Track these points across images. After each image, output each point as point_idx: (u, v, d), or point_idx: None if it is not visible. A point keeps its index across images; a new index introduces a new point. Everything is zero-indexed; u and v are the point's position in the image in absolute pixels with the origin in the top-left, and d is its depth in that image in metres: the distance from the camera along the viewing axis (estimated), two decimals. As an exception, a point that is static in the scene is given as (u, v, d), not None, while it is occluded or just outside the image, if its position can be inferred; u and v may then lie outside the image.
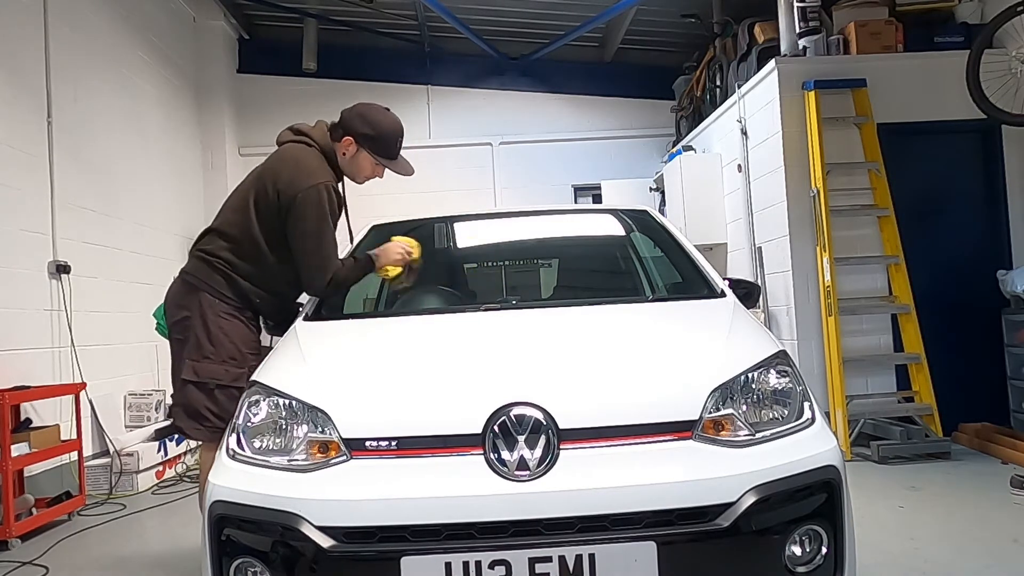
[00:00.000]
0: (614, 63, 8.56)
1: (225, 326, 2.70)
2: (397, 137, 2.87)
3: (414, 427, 1.86)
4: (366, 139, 2.79)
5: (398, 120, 2.89)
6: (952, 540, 3.31)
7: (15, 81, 4.65)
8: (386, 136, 2.83)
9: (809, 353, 5.34)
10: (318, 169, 2.73)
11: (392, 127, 2.85)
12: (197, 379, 2.66)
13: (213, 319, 2.69)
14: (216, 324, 2.69)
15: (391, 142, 2.85)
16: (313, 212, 2.65)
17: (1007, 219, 5.55)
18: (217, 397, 2.65)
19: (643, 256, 3.51)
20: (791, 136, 5.45)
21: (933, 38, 5.65)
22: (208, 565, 1.90)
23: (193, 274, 2.76)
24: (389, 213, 3.71)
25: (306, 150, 2.78)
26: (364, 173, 2.89)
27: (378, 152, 2.83)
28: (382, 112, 2.85)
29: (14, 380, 4.29)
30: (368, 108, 2.84)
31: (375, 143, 2.81)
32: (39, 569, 3.53)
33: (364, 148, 2.81)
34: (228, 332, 2.70)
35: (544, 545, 1.70)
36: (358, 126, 2.79)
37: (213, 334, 2.68)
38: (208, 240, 2.81)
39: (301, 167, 2.71)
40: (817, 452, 1.89)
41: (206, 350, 2.67)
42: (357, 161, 2.84)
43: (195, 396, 2.66)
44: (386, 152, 2.85)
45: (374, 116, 2.81)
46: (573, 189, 8.43)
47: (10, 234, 4.50)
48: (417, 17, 7.75)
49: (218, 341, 2.68)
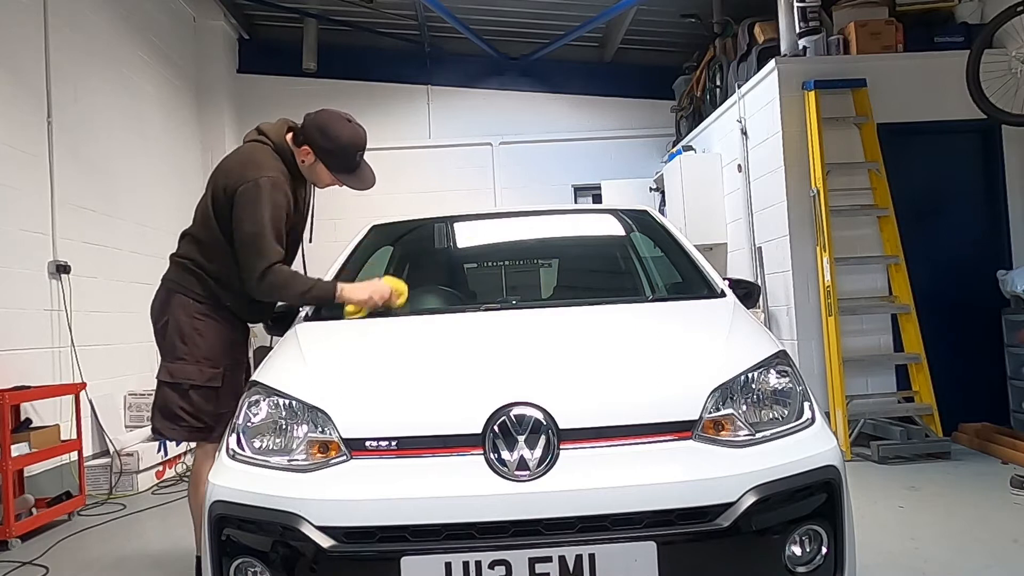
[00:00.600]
0: (614, 63, 8.56)
1: (199, 326, 2.72)
2: (356, 151, 2.78)
3: (414, 427, 1.86)
4: (322, 152, 2.74)
5: (359, 132, 2.80)
6: (952, 540, 3.31)
7: (15, 81, 4.65)
8: (343, 150, 2.75)
9: (809, 353, 5.34)
10: (264, 164, 2.69)
11: (350, 140, 2.75)
12: (171, 380, 2.69)
13: (187, 320, 2.71)
14: (190, 325, 2.71)
15: (349, 156, 2.77)
16: (251, 203, 2.61)
17: (1007, 219, 5.55)
18: (191, 397, 2.68)
19: (643, 256, 3.51)
20: (791, 136, 5.45)
21: (933, 38, 5.65)
22: (208, 565, 1.90)
23: (170, 278, 2.81)
24: (389, 213, 3.71)
25: (257, 147, 2.76)
26: (323, 181, 2.85)
27: (334, 167, 2.77)
28: (342, 123, 2.76)
29: (14, 380, 4.29)
30: (328, 119, 2.75)
31: (331, 156, 2.75)
32: (39, 569, 3.53)
33: (322, 161, 2.76)
34: (202, 332, 2.72)
35: (544, 545, 1.70)
36: (316, 138, 2.73)
37: (187, 335, 2.70)
38: (182, 244, 2.85)
39: (247, 162, 2.70)
40: (817, 452, 1.88)
41: (180, 351, 2.70)
42: (315, 170, 2.80)
43: (170, 397, 2.69)
44: (343, 166, 2.78)
45: (333, 129, 2.73)
46: (573, 189, 8.44)
47: (10, 234, 4.50)
48: (417, 17, 7.75)
49: (191, 341, 2.70)
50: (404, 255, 3.59)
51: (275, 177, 2.67)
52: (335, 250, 3.20)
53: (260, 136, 2.80)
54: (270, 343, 2.80)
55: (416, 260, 3.65)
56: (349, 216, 7.60)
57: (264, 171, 2.66)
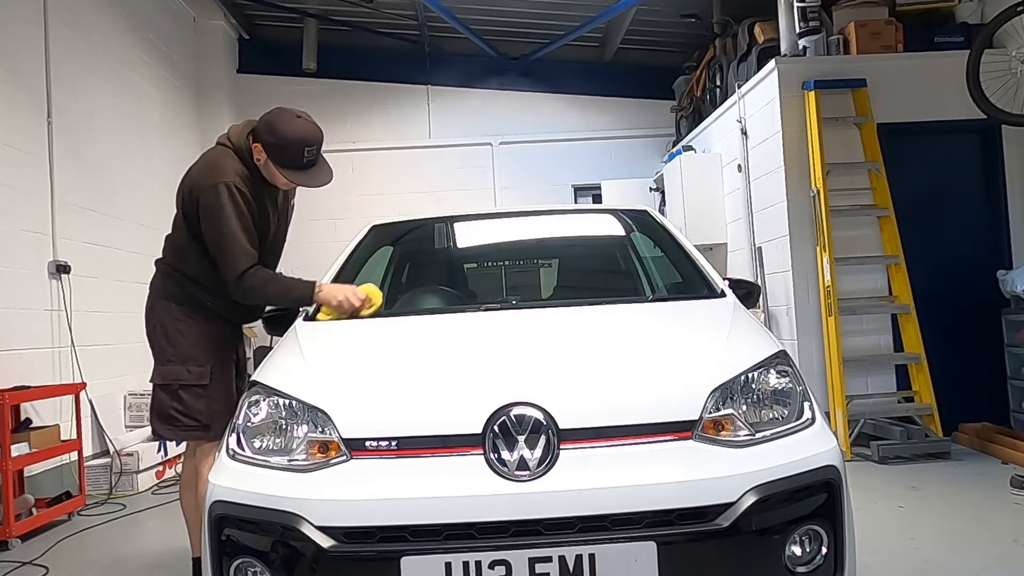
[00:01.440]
0: (614, 63, 8.56)
1: (181, 328, 2.76)
2: (303, 146, 2.65)
3: (414, 427, 1.86)
4: (269, 148, 2.67)
5: (308, 127, 2.68)
6: (952, 540, 3.31)
7: (15, 81, 4.65)
8: (288, 146, 2.64)
9: (809, 353, 5.34)
10: (224, 168, 2.67)
11: (297, 136, 2.63)
12: (162, 382, 2.75)
13: (170, 322, 2.77)
14: (173, 327, 2.76)
15: (295, 152, 2.65)
16: (214, 211, 2.62)
17: (1007, 219, 5.55)
18: (182, 397, 2.72)
19: (643, 256, 3.51)
20: (791, 136, 5.45)
21: (933, 38, 5.66)
22: (208, 565, 1.90)
23: (154, 284, 2.87)
24: (389, 213, 3.71)
25: (219, 151, 2.75)
26: (278, 180, 2.76)
27: (280, 163, 2.67)
28: (289, 119, 2.66)
29: (14, 380, 4.29)
30: (276, 116, 2.68)
31: (276, 152, 2.66)
32: (39, 569, 3.53)
33: (268, 158, 2.69)
34: (185, 333, 2.76)
35: (544, 545, 1.70)
36: (263, 133, 2.67)
37: (171, 337, 2.75)
38: (164, 249, 2.90)
39: (207, 168, 2.71)
40: (817, 452, 1.88)
41: (168, 354, 2.75)
42: (269, 169, 2.73)
43: (162, 399, 2.75)
44: (289, 162, 2.67)
45: (279, 124, 2.65)
46: (573, 189, 8.44)
47: (10, 234, 4.50)
48: (417, 17, 7.75)
49: (176, 343, 2.75)
50: (404, 255, 3.59)
51: (232, 181, 2.64)
52: (335, 250, 3.20)
53: (225, 140, 2.79)
54: (270, 343, 2.81)
55: (416, 260, 3.65)
56: (349, 216, 7.63)
57: (223, 176, 2.64)
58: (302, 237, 8.09)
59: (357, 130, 8.16)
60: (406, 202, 7.41)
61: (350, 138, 8.10)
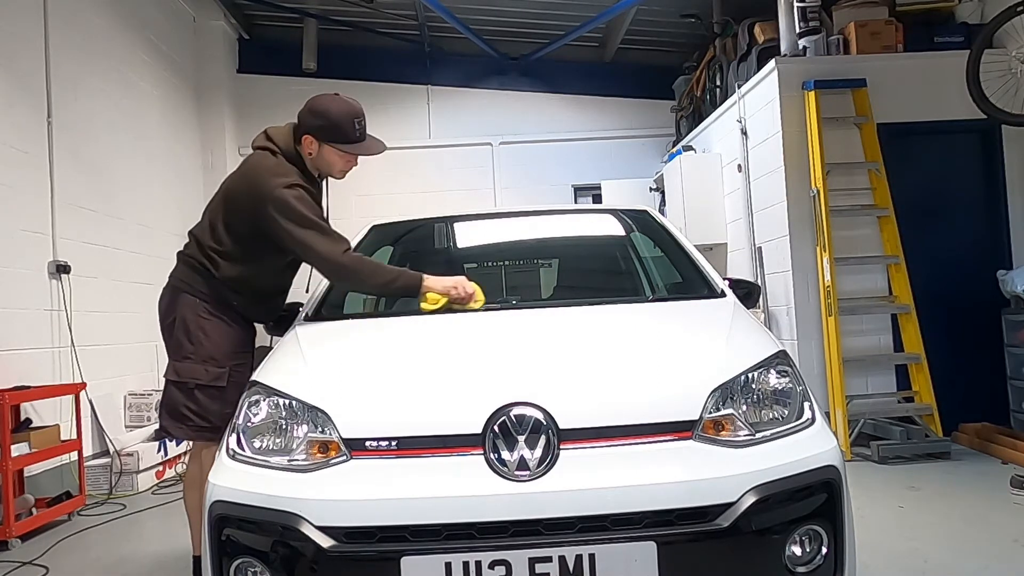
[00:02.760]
0: (614, 63, 8.56)
1: (205, 326, 2.71)
2: (352, 119, 2.72)
3: (414, 427, 1.86)
4: (321, 131, 2.71)
5: (350, 102, 2.76)
6: (952, 540, 3.31)
7: (15, 81, 4.65)
8: (339, 122, 2.71)
9: (809, 353, 5.34)
10: (287, 171, 2.69)
11: (342, 110, 2.71)
12: (178, 379, 2.69)
13: (193, 319, 2.71)
14: (196, 324, 2.71)
15: (347, 126, 2.72)
16: (289, 211, 2.59)
17: (1007, 219, 5.55)
18: (197, 396, 2.68)
19: (643, 256, 3.51)
20: (791, 136, 5.45)
21: (933, 38, 5.65)
22: (208, 565, 1.90)
23: (177, 276, 2.80)
24: (389, 213, 3.71)
25: (267, 157, 2.73)
26: (336, 166, 2.81)
27: (337, 140, 2.72)
28: (330, 99, 2.74)
29: (14, 380, 4.29)
30: (316, 100, 2.75)
31: (330, 132, 2.71)
32: (39, 569, 3.53)
33: (323, 142, 2.72)
34: (208, 332, 2.71)
35: (544, 545, 1.70)
36: (310, 121, 2.71)
37: (193, 334, 2.70)
38: (191, 244, 2.83)
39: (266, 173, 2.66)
40: (817, 452, 1.88)
41: (186, 350, 2.70)
42: (324, 157, 2.76)
43: (176, 396, 2.69)
44: (345, 137, 2.73)
45: (322, 105, 2.72)
46: (573, 189, 8.44)
47: (10, 234, 4.50)
48: (417, 17, 7.76)
49: (197, 341, 2.70)
50: (404, 255, 3.59)
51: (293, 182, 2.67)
52: (335, 250, 3.18)
53: (270, 144, 2.76)
54: (270, 343, 2.80)
55: (416, 260, 3.63)
56: (349, 216, 7.62)
57: (289, 178, 2.66)
58: (302, 237, 8.13)
59: (357, 130, 8.14)
60: (406, 202, 7.41)
61: (350, 138, 8.08)
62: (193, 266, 2.77)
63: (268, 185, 2.62)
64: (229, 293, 2.76)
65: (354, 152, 2.78)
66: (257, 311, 2.86)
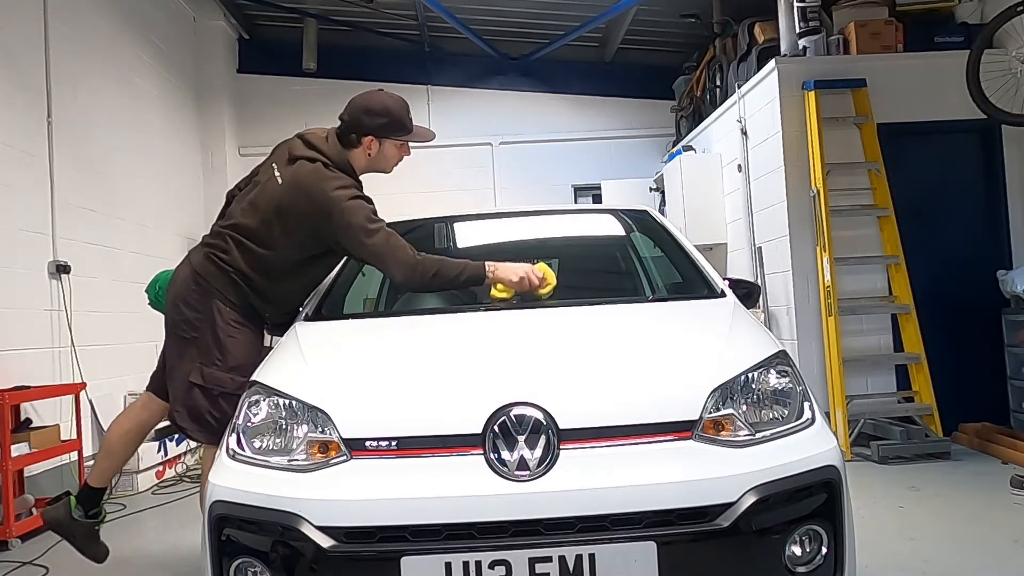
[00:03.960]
0: (614, 63, 8.56)
1: (235, 334, 2.69)
2: (407, 109, 2.84)
3: (414, 427, 1.86)
4: (385, 128, 2.77)
5: (394, 95, 2.85)
6: (952, 540, 3.31)
7: (15, 81, 4.65)
8: (400, 115, 2.80)
9: (809, 353, 5.34)
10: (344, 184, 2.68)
11: (400, 104, 2.82)
12: (203, 384, 2.65)
13: (223, 327, 2.68)
14: (226, 332, 2.68)
15: (406, 117, 2.83)
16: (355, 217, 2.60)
17: (1007, 219, 5.55)
18: (221, 404, 2.64)
19: (643, 256, 3.51)
20: (791, 136, 5.45)
21: (933, 38, 5.66)
22: (208, 565, 1.90)
23: (207, 278, 2.71)
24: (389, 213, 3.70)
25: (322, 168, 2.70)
26: (392, 162, 2.89)
27: (399, 134, 2.81)
28: (381, 96, 2.81)
29: (14, 380, 4.29)
30: (367, 99, 2.78)
31: (394, 128, 2.79)
32: (39, 569, 3.53)
33: (387, 138, 2.79)
34: (238, 341, 2.69)
35: (544, 545, 1.70)
36: (370, 121, 2.75)
37: (223, 342, 2.67)
38: (226, 246, 2.71)
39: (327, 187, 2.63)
40: (817, 452, 1.88)
41: (214, 357, 2.66)
42: (384, 154, 2.82)
43: (200, 400, 2.65)
44: (406, 129, 2.83)
45: (380, 103, 2.77)
46: (573, 189, 8.44)
47: (10, 234, 4.50)
48: (417, 17, 7.75)
49: (226, 350, 2.67)
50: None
51: (360, 193, 2.71)
52: (335, 250, 3.18)
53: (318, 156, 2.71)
54: (270, 343, 2.79)
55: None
56: (349, 216, 7.62)
57: (351, 190, 2.67)
58: (302, 237, 8.14)
59: (357, 130, 8.14)
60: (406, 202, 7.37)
61: (350, 138, 8.08)
62: (228, 274, 2.69)
63: (335, 197, 2.61)
64: (261, 304, 2.75)
65: (413, 140, 2.86)
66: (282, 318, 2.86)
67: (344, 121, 2.78)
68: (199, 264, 2.75)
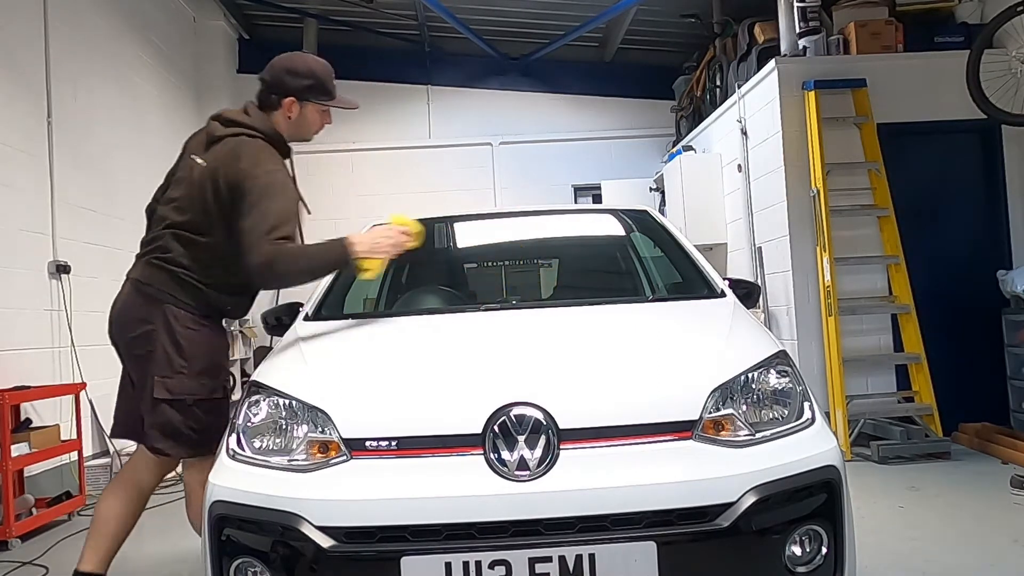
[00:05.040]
0: (614, 63, 8.57)
1: (195, 337, 2.49)
2: (331, 75, 2.66)
3: (414, 427, 1.86)
4: (309, 90, 2.60)
5: (318, 58, 2.71)
6: (952, 540, 3.31)
7: (15, 81, 4.65)
8: (324, 78, 2.63)
9: (809, 353, 5.34)
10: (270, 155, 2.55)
11: (324, 68, 2.66)
12: (172, 396, 2.44)
13: (181, 331, 2.47)
14: (184, 336, 2.47)
15: (330, 81, 2.66)
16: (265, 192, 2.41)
17: (1007, 219, 5.55)
18: (196, 412, 2.46)
19: (643, 256, 3.51)
20: (791, 136, 5.45)
21: (933, 38, 5.66)
22: (208, 565, 1.90)
23: (153, 284, 2.53)
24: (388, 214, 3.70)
25: (251, 142, 2.56)
26: (315, 126, 2.69)
27: (324, 96, 2.63)
28: (305, 57, 2.68)
29: (14, 380, 4.29)
30: (291, 59, 2.63)
31: (318, 90, 2.62)
32: (39, 569, 3.53)
33: (309, 100, 2.61)
34: (198, 343, 2.50)
35: (544, 545, 1.70)
36: (293, 82, 2.58)
37: (183, 347, 2.46)
38: (166, 245, 2.55)
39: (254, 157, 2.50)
40: (817, 452, 1.88)
41: (177, 365, 2.45)
42: (305, 118, 2.64)
43: (171, 415, 2.44)
44: (330, 92, 2.66)
45: (304, 64, 2.62)
46: (573, 189, 8.45)
47: (10, 234, 4.50)
48: (417, 17, 7.76)
49: (189, 354, 2.47)
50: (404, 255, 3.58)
51: (284, 169, 2.55)
52: (335, 250, 3.18)
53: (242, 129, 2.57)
54: (270, 343, 2.79)
55: (416, 260, 3.64)
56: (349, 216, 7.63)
57: (277, 163, 2.53)
58: (302, 237, 8.15)
59: (357, 130, 8.15)
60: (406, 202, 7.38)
61: (350, 138, 8.09)
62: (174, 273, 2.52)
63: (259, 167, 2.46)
64: (220, 300, 2.57)
65: (337, 106, 2.68)
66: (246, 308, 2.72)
67: (265, 81, 2.63)
68: (141, 274, 2.59)
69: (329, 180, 8.13)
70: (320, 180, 8.15)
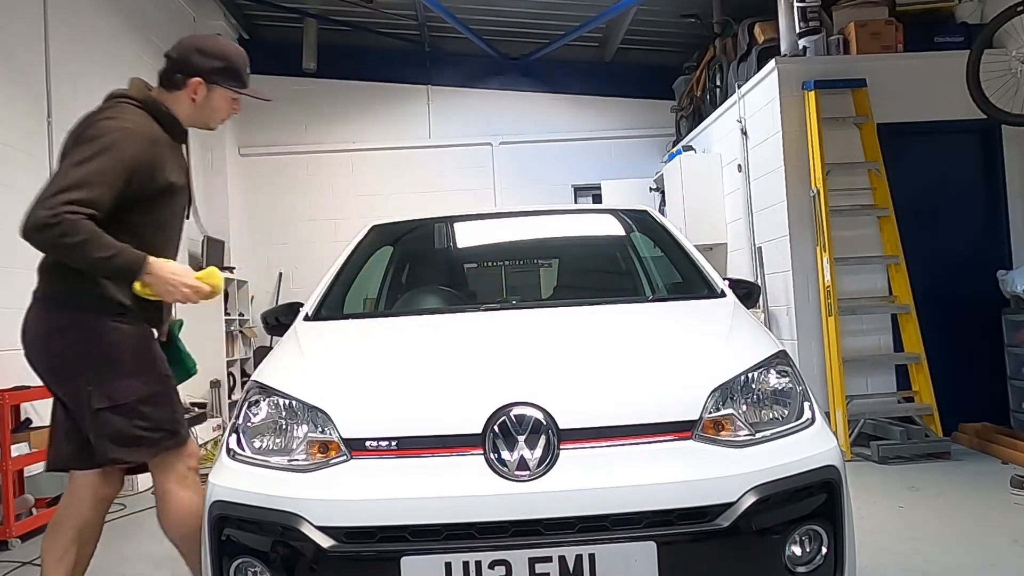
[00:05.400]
0: (614, 63, 8.57)
1: (116, 338, 2.31)
2: (246, 63, 2.50)
3: (414, 427, 1.86)
4: (218, 73, 2.41)
5: (234, 43, 2.60)
6: (952, 540, 3.31)
7: (15, 81, 4.65)
8: (238, 64, 2.47)
9: (809, 353, 5.34)
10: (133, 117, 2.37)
11: (239, 53, 2.50)
12: (113, 403, 2.26)
13: (103, 332, 2.32)
14: (107, 339, 2.31)
15: (243, 67, 2.49)
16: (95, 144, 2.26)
17: (1007, 219, 5.55)
18: (143, 411, 2.28)
19: (643, 256, 3.51)
20: (791, 136, 5.45)
21: (933, 38, 5.65)
22: (208, 565, 1.90)
23: (54, 292, 2.42)
24: (389, 213, 3.71)
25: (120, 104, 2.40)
26: (222, 113, 2.50)
27: (235, 83, 2.46)
28: (215, 39, 2.51)
29: (14, 380, 4.28)
30: (202, 39, 2.48)
31: (228, 75, 2.44)
32: (39, 569, 3.52)
33: (218, 84, 2.42)
34: (123, 343, 2.32)
35: (544, 545, 1.70)
36: (202, 62, 2.39)
37: (108, 351, 2.30)
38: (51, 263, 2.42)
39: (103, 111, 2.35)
40: (817, 452, 1.89)
41: (109, 370, 2.29)
42: (211, 102, 2.44)
43: (117, 422, 2.26)
44: (242, 80, 2.49)
45: (216, 46, 2.45)
46: (573, 189, 8.45)
47: (10, 234, 4.48)
48: (417, 17, 7.76)
49: (117, 358, 2.30)
50: (404, 255, 3.59)
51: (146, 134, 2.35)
52: (335, 250, 3.20)
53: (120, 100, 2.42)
54: (270, 343, 2.79)
55: (416, 260, 3.65)
56: (349, 216, 7.64)
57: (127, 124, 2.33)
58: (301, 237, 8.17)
59: (357, 130, 8.17)
60: (406, 202, 7.42)
61: (350, 138, 8.11)
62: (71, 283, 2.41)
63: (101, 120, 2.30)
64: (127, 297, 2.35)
65: (250, 95, 2.51)
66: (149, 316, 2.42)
67: (170, 58, 2.43)
68: (42, 289, 2.47)
69: (329, 180, 8.14)
70: (320, 180, 8.16)
